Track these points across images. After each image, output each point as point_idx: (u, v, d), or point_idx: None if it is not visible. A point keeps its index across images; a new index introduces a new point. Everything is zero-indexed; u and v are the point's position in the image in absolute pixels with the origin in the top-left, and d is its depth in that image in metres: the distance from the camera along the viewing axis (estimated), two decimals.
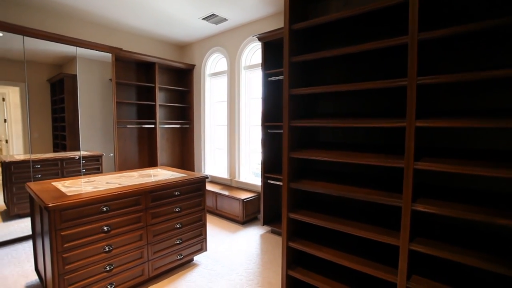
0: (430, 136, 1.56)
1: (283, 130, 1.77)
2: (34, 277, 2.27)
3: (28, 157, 3.04)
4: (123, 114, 4.06)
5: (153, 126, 4.24)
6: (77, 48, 3.25)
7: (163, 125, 4.47)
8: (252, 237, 3.13)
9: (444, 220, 1.53)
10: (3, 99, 3.05)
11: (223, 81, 4.35)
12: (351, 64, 1.86)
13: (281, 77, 3.02)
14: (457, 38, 1.30)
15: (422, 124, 1.27)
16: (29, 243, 2.89)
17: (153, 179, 2.31)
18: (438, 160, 1.28)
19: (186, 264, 2.48)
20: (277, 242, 3.01)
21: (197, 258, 2.60)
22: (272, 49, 3.15)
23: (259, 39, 3.10)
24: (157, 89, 4.17)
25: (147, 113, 4.31)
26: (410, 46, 1.27)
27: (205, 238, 2.51)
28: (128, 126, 4.11)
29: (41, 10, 3.33)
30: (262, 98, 3.11)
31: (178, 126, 4.75)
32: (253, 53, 3.90)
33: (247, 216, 3.49)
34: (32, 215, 2.11)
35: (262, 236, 3.18)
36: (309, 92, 1.69)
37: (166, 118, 4.60)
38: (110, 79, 3.60)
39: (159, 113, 4.30)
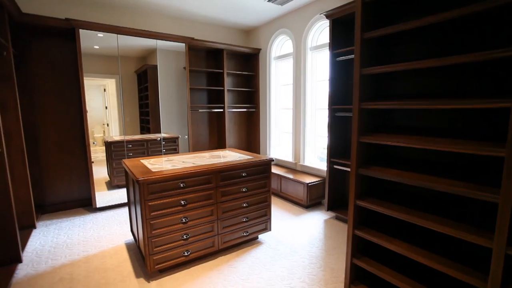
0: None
1: (352, 113, 1.66)
2: (130, 237, 2.75)
3: (123, 138, 3.60)
4: (195, 99, 4.40)
5: (221, 110, 4.49)
6: (157, 41, 3.62)
7: (230, 109, 4.69)
8: (315, 222, 3.11)
9: None
10: (104, 90, 3.64)
11: (289, 63, 4.28)
12: (425, 40, 1.60)
13: (350, 57, 2.80)
14: None
15: None
16: (126, 209, 3.49)
17: (222, 160, 2.47)
18: None
19: (251, 241, 2.64)
20: (341, 229, 2.92)
21: (261, 237, 2.73)
22: (340, 27, 2.93)
23: (327, 16, 2.91)
24: (225, 74, 4.37)
25: (216, 98, 4.58)
26: None
27: (269, 219, 2.61)
28: (200, 110, 4.45)
29: (123, 8, 3.77)
30: (329, 79, 2.96)
31: (245, 110, 4.92)
32: (320, 32, 3.70)
33: (311, 200, 3.47)
34: (127, 186, 2.51)
35: (325, 221, 3.13)
36: (383, 71, 1.53)
37: (233, 102, 4.81)
38: (184, 67, 3.92)
39: (227, 97, 4.51)
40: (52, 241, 2.67)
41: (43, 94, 3.21)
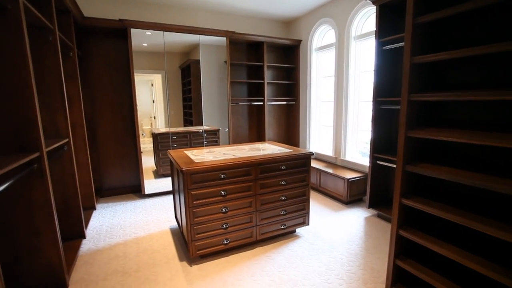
0: None
1: (400, 106, 1.56)
2: (174, 223, 2.94)
3: (168, 130, 3.83)
4: (235, 92, 4.48)
5: (261, 103, 4.52)
6: (200, 36, 3.74)
7: (270, 102, 4.69)
8: (355, 219, 3.01)
9: None
10: (152, 84, 3.90)
11: (331, 55, 4.12)
12: (479, 27, 1.40)
13: (398, 45, 2.61)
14: None
15: None
16: (171, 197, 3.73)
17: (261, 152, 2.50)
18: None
19: (288, 234, 2.65)
20: (383, 227, 2.78)
21: (299, 231, 2.72)
22: (388, 13, 2.73)
23: (373, 2, 2.72)
24: (265, 67, 4.37)
25: (256, 91, 4.61)
26: None
27: (307, 213, 2.59)
28: (240, 103, 4.53)
29: (167, 5, 3.94)
30: (374, 70, 2.79)
31: (285, 103, 4.88)
32: (365, 20, 3.48)
33: (351, 196, 3.35)
34: (172, 176, 2.68)
35: (366, 219, 3.00)
36: (438, 59, 1.39)
37: (273, 95, 4.80)
38: (225, 61, 4.00)
39: (267, 90, 4.52)
40: (109, 222, 2.97)
41: (100, 90, 3.55)
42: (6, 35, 1.44)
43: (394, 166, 2.70)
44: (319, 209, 3.28)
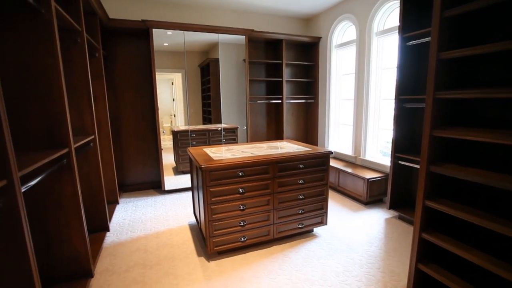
0: None
1: (425, 104, 1.50)
2: (193, 219, 3.01)
3: (187, 128, 3.91)
4: (254, 90, 4.49)
5: (280, 101, 4.50)
6: (219, 34, 3.78)
7: (289, 100, 4.66)
8: (375, 220, 2.93)
9: None
10: (172, 83, 3.99)
11: (351, 51, 4.03)
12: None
13: (424, 40, 2.50)
14: None
15: None
16: (189, 193, 3.81)
17: (280, 151, 2.50)
18: None
19: (306, 233, 2.63)
20: (405, 230, 2.70)
21: (316, 230, 2.70)
22: (413, 7, 2.62)
23: None
24: (284, 65, 4.34)
25: (274, 89, 4.59)
26: None
27: (325, 212, 2.56)
28: (258, 101, 4.53)
29: (187, 5, 4.00)
30: (397, 67, 2.70)
31: (303, 101, 4.83)
32: (388, 15, 3.37)
33: (371, 197, 3.27)
34: (191, 173, 2.74)
35: (387, 220, 2.92)
36: (467, 54, 1.33)
37: (292, 93, 4.76)
38: (244, 59, 4.01)
39: (285, 88, 4.49)
40: (131, 216, 3.09)
41: (124, 89, 3.68)
42: (39, 38, 1.53)
43: (417, 166, 2.61)
44: (338, 209, 3.23)
